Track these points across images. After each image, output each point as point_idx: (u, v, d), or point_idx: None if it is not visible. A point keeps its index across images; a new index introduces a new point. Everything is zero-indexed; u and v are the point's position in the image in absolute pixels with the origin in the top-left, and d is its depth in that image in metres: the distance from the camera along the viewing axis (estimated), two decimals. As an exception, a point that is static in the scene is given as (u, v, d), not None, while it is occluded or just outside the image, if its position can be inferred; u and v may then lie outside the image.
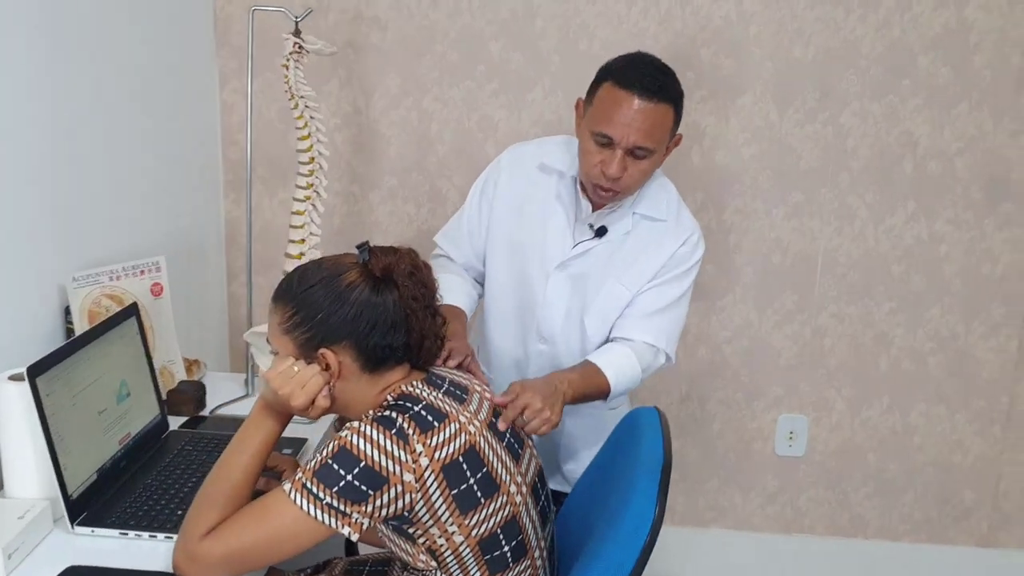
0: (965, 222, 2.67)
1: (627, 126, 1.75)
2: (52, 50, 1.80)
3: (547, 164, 2.00)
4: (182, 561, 1.36)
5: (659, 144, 1.80)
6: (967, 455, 2.86)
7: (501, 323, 2.08)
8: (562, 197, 1.98)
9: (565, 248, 1.97)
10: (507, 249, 2.03)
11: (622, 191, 1.84)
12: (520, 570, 1.47)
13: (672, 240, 1.96)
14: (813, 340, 2.79)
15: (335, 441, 1.36)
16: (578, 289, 1.98)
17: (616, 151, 1.77)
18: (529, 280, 2.01)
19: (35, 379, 1.45)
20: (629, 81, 1.76)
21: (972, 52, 2.56)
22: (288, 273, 1.51)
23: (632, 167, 1.80)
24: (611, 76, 1.80)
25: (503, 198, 2.03)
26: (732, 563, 2.95)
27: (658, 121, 1.77)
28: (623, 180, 1.80)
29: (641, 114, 1.75)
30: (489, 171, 2.08)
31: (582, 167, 1.86)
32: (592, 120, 1.81)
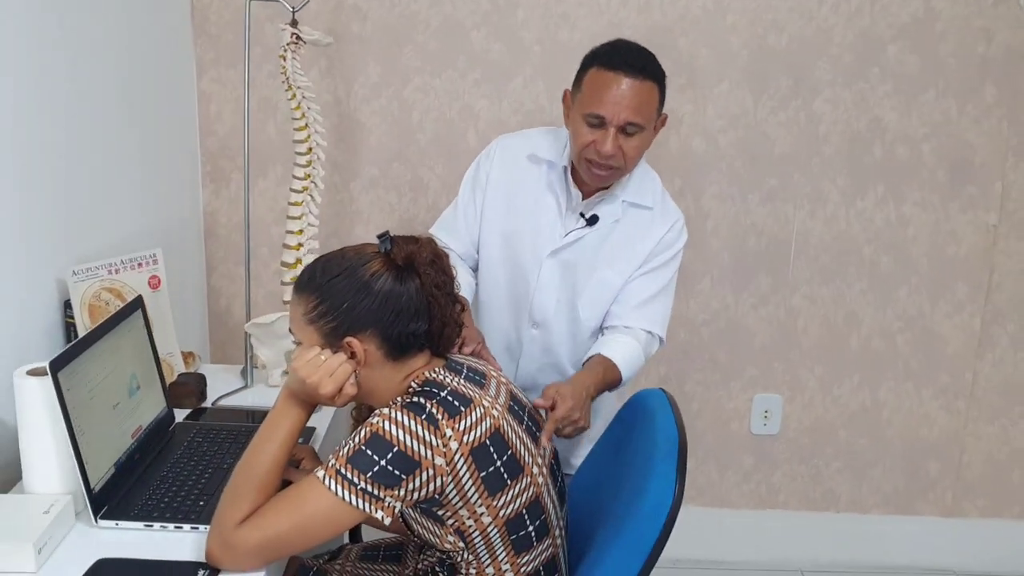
0: (931, 205, 2.77)
1: (617, 104, 1.82)
2: (35, 49, 1.78)
3: (536, 155, 2.04)
4: (217, 549, 1.38)
5: (648, 121, 1.86)
6: (933, 429, 2.97)
7: (495, 309, 2.11)
8: (553, 186, 2.02)
9: (557, 236, 2.01)
10: (500, 238, 2.06)
11: (618, 168, 1.90)
12: (543, 548, 1.51)
13: (659, 226, 2.03)
14: (787, 321, 2.87)
15: (367, 428, 1.38)
16: (569, 276, 2.02)
17: (608, 130, 1.83)
18: (522, 267, 2.05)
19: (56, 373, 1.45)
20: (615, 63, 1.83)
21: (938, 41, 2.65)
22: (309, 264, 1.52)
23: (625, 144, 1.86)
24: (597, 61, 1.87)
25: (495, 188, 2.07)
26: (710, 539, 3.02)
27: (645, 98, 1.84)
28: (618, 157, 1.86)
29: (629, 92, 1.82)
30: (480, 162, 2.11)
31: (576, 151, 1.91)
32: (582, 104, 1.86)
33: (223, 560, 1.38)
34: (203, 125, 2.69)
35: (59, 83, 1.87)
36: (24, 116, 1.74)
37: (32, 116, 1.77)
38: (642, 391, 1.78)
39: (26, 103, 1.75)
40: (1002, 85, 2.68)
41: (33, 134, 1.77)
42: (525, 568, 1.49)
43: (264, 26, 2.55)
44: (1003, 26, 2.64)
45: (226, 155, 2.69)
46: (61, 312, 1.89)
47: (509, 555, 1.47)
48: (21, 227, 1.74)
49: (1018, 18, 2.63)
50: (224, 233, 2.75)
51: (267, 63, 2.60)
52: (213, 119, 2.68)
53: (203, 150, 2.70)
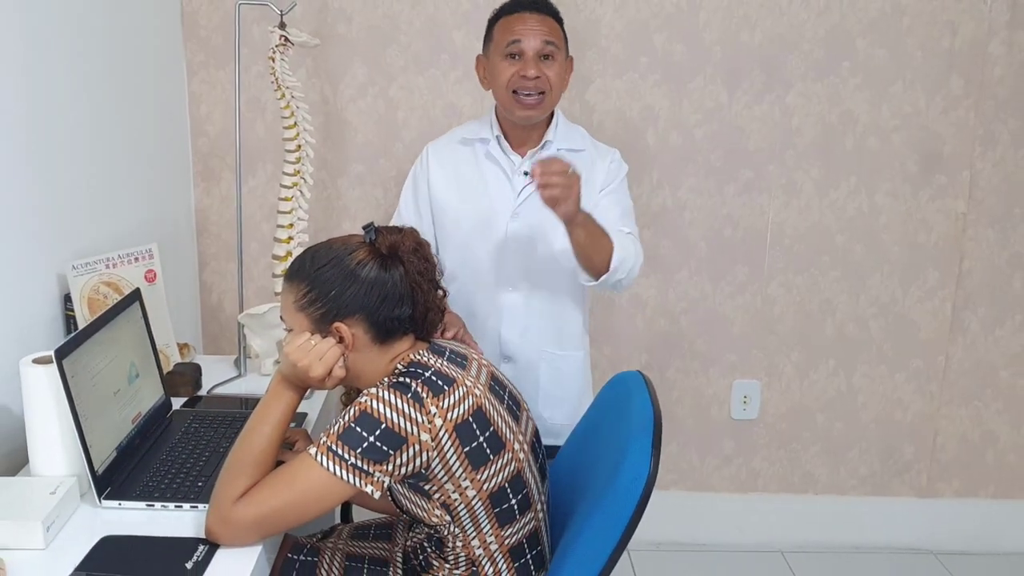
0: (902, 194, 2.86)
1: (529, 31, 2.02)
2: (33, 54, 1.85)
3: (467, 137, 2.18)
4: (216, 525, 1.45)
5: (560, 46, 2.05)
6: (907, 412, 3.06)
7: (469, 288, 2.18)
8: (492, 156, 2.15)
9: (511, 199, 2.12)
10: (458, 221, 2.16)
11: (546, 91, 2.03)
12: (525, 522, 1.59)
13: (600, 161, 2.17)
14: (763, 309, 2.96)
15: (356, 407, 1.46)
16: (537, 231, 2.12)
17: (527, 56, 2.01)
18: (488, 239, 2.14)
19: (61, 360, 1.52)
20: (512, 6, 2.07)
21: (905, 35, 2.74)
22: (299, 254, 1.60)
23: (545, 69, 2.02)
24: (500, 13, 2.09)
25: (438, 183, 2.18)
26: (692, 523, 3.11)
27: (551, 27, 2.05)
28: (542, 80, 2.02)
29: (535, 21, 2.03)
30: (415, 171, 2.24)
31: (503, 90, 2.05)
32: (498, 47, 2.05)
33: (221, 535, 1.45)
34: (194, 125, 2.76)
35: (56, 87, 1.94)
36: (23, 119, 1.81)
37: (31, 119, 1.84)
38: (620, 373, 1.86)
39: (25, 107, 1.82)
40: (968, 77, 2.78)
41: (32, 136, 1.84)
42: (509, 541, 1.57)
43: (252, 28, 2.63)
44: (967, 19, 2.73)
45: (216, 154, 2.76)
46: (61, 305, 1.96)
47: (493, 528, 1.55)
48: (23, 225, 1.81)
49: (982, 11, 2.72)
50: (215, 230, 2.82)
51: (255, 64, 2.67)
52: (204, 119, 2.75)
53: (194, 149, 2.77)
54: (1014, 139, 2.82)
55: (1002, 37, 2.75)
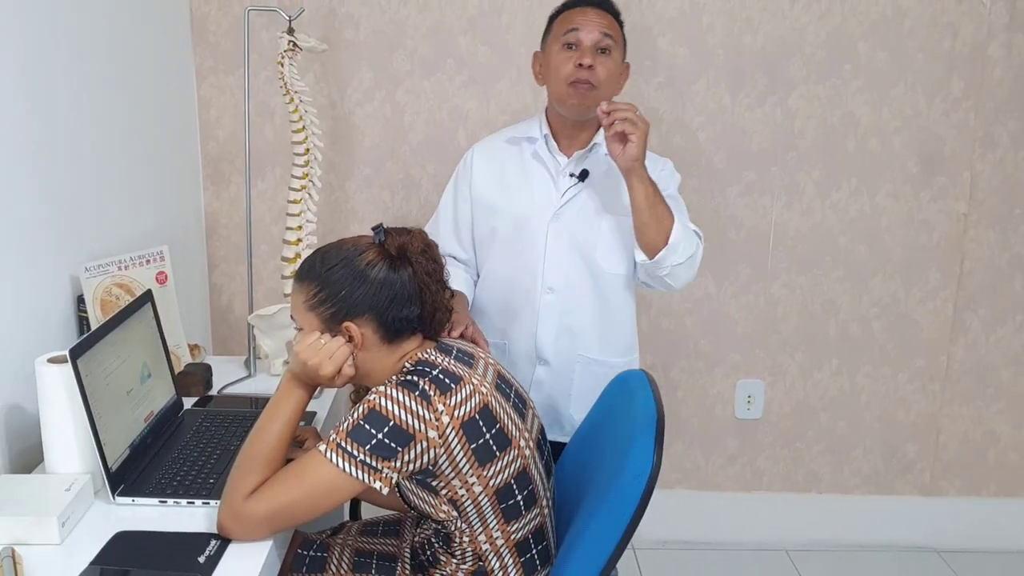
0: (903, 195, 2.89)
1: (588, 22, 2.03)
2: (46, 62, 1.89)
3: (515, 136, 2.19)
4: (227, 521, 1.48)
5: (617, 42, 2.06)
6: (910, 411, 3.08)
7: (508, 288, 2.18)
8: (538, 156, 2.15)
9: (554, 199, 2.11)
10: (503, 221, 2.15)
11: (597, 84, 2.02)
12: (531, 517, 1.62)
13: (651, 166, 2.07)
14: (767, 309, 2.98)
15: (364, 404, 1.49)
16: (578, 235, 2.11)
17: (584, 46, 2.01)
18: (529, 238, 2.13)
19: (76, 360, 1.56)
20: (575, 1, 2.08)
21: (906, 37, 2.77)
22: (310, 255, 1.63)
23: (600, 62, 2.02)
24: (563, 8, 2.10)
25: (483, 184, 2.18)
26: (697, 521, 3.14)
27: (610, 23, 2.06)
28: (597, 70, 2.01)
29: (595, 15, 2.04)
30: (458, 172, 2.25)
31: (556, 79, 2.06)
32: (556, 38, 2.06)
33: (233, 531, 1.49)
34: (203, 129, 2.80)
35: (68, 93, 1.97)
36: (37, 126, 1.84)
37: (44, 126, 1.87)
38: (623, 372, 1.89)
39: (38, 114, 1.85)
40: (968, 79, 2.80)
41: (45, 142, 1.88)
42: (515, 536, 1.60)
43: (261, 34, 2.67)
44: (967, 22, 2.76)
45: (226, 158, 2.80)
46: (74, 307, 1.99)
47: (500, 523, 1.58)
48: (37, 228, 1.84)
49: (981, 14, 2.75)
50: (225, 233, 2.86)
51: (264, 70, 2.71)
52: (213, 124, 2.79)
53: (204, 153, 2.81)
54: (1014, 140, 2.85)
55: (1001, 40, 2.77)
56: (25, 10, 1.79)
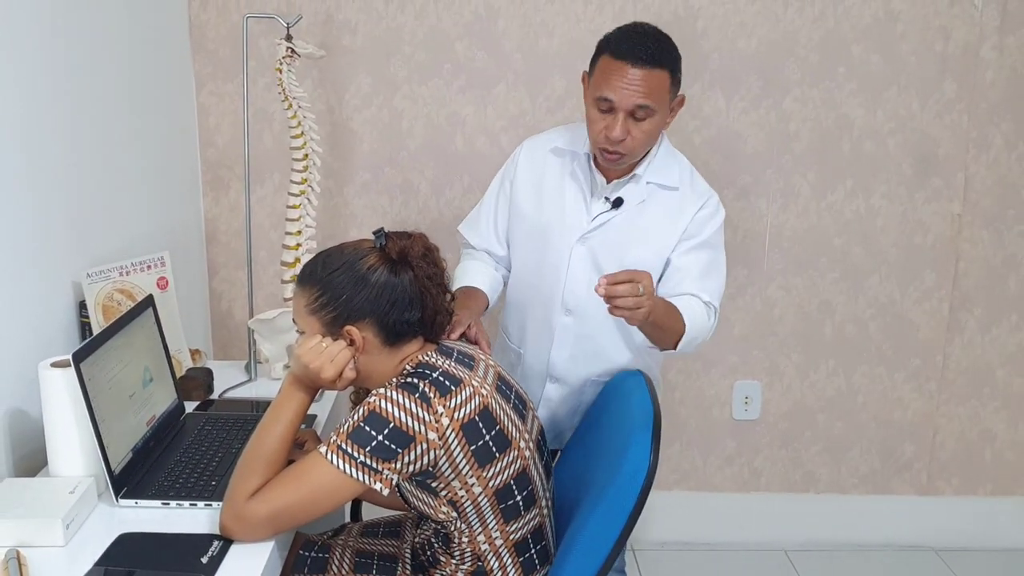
0: (898, 196, 2.91)
1: (624, 90, 1.87)
2: (46, 69, 1.90)
3: (559, 147, 2.13)
4: (230, 522, 1.50)
5: (658, 104, 1.90)
6: (906, 411, 3.10)
7: (526, 299, 2.17)
8: (576, 174, 2.09)
9: (584, 221, 2.07)
10: (530, 229, 2.14)
11: (627, 153, 1.94)
12: (530, 518, 1.63)
13: (690, 205, 2.05)
14: (764, 311, 3.00)
15: (365, 406, 1.51)
16: (600, 260, 2.06)
17: (617, 114, 1.89)
18: (553, 255, 2.10)
19: (79, 364, 1.57)
20: (623, 52, 1.88)
21: (899, 40, 2.79)
22: (311, 259, 1.65)
23: (635, 129, 1.90)
24: (608, 48, 1.93)
25: (522, 185, 2.15)
26: (696, 522, 3.15)
27: (654, 85, 1.88)
28: (627, 142, 1.91)
29: (637, 79, 1.86)
30: (506, 166, 2.21)
31: (589, 135, 1.98)
32: (594, 88, 1.93)
33: (235, 531, 1.50)
34: (203, 136, 2.81)
35: (69, 101, 1.99)
36: (39, 132, 1.86)
37: (46, 133, 1.89)
38: (620, 373, 1.91)
39: (40, 122, 1.87)
40: (961, 80, 2.82)
41: (47, 149, 1.89)
42: (514, 536, 1.62)
43: (259, 41, 2.69)
44: (959, 24, 2.78)
45: (225, 164, 2.82)
46: (76, 312, 2.01)
47: (499, 523, 1.60)
48: (39, 235, 1.86)
49: (973, 17, 2.77)
50: (224, 239, 2.88)
51: (262, 76, 2.73)
52: (212, 131, 2.81)
53: (203, 160, 2.83)
54: (1007, 141, 2.87)
55: (993, 42, 2.80)
56: (25, 18, 1.81)
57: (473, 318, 1.91)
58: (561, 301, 2.10)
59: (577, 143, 2.09)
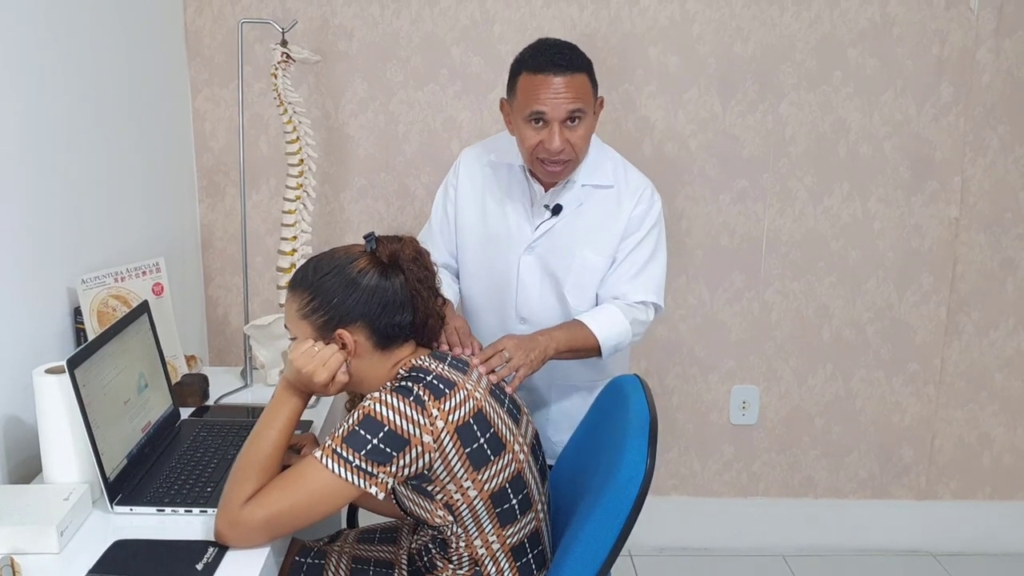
0: (895, 200, 2.91)
1: (553, 100, 1.90)
2: (42, 75, 1.90)
3: (495, 160, 2.16)
4: (225, 528, 1.49)
5: (587, 106, 1.94)
6: (905, 415, 3.10)
7: (481, 310, 2.21)
8: (514, 187, 2.13)
9: (528, 232, 2.11)
10: (477, 243, 2.17)
11: (572, 160, 1.98)
12: (526, 521, 1.63)
13: (627, 201, 2.09)
14: (761, 315, 3.00)
15: (359, 410, 1.51)
16: (549, 267, 2.11)
17: (552, 125, 1.91)
18: (502, 268, 2.14)
19: (73, 370, 1.57)
20: (541, 65, 1.91)
21: (895, 44, 2.79)
22: (302, 264, 1.65)
23: (571, 135, 1.93)
24: (524, 66, 1.95)
25: (464, 198, 2.19)
26: (694, 527, 3.15)
27: (579, 89, 1.91)
28: (568, 150, 1.94)
29: (562, 87, 1.90)
30: (448, 177, 2.24)
31: (525, 154, 2.00)
32: (521, 108, 1.94)
33: (231, 537, 1.49)
34: (198, 142, 2.81)
35: (64, 106, 1.99)
36: (34, 138, 1.86)
37: (41, 138, 1.89)
38: (617, 377, 1.90)
39: (35, 128, 1.87)
40: (957, 84, 2.82)
41: (42, 154, 1.89)
42: (511, 540, 1.61)
43: (254, 47, 2.69)
44: (955, 28, 2.78)
45: (220, 170, 2.82)
46: (71, 318, 2.01)
47: (495, 527, 1.59)
48: (34, 240, 1.86)
49: (969, 20, 2.77)
50: (220, 245, 2.88)
51: (257, 82, 2.73)
52: (208, 136, 2.81)
53: (199, 166, 2.83)
54: (1003, 144, 2.87)
55: (989, 45, 2.80)
56: (20, 25, 1.81)
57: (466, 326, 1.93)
58: (515, 311, 2.15)
59: (509, 155, 2.11)
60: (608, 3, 2.74)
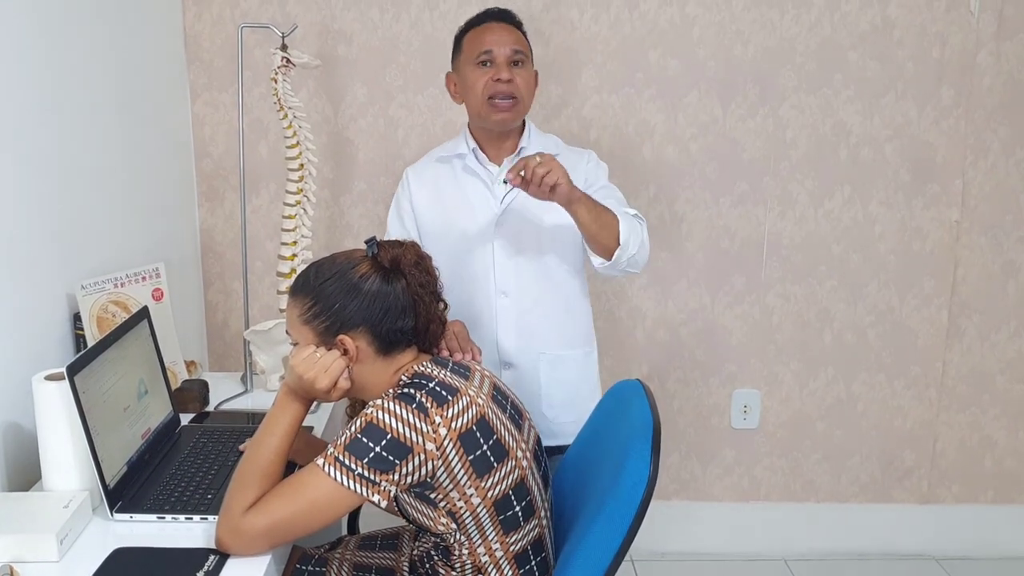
0: (896, 203, 2.90)
1: (498, 39, 2.10)
2: (41, 81, 1.90)
3: (443, 155, 2.25)
4: (226, 536, 1.48)
5: (527, 56, 2.13)
6: (906, 419, 3.09)
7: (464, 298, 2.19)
8: (470, 169, 2.20)
9: (494, 207, 2.16)
10: (445, 237, 2.19)
11: (518, 96, 2.10)
12: (529, 528, 1.62)
13: (578, 161, 2.20)
14: (762, 319, 2.99)
15: (362, 418, 1.50)
16: (522, 237, 2.16)
17: (498, 62, 2.08)
18: (476, 250, 2.17)
19: (73, 377, 1.56)
20: (481, 19, 2.15)
21: (896, 47, 2.79)
22: (303, 269, 1.64)
23: (517, 75, 2.09)
24: (467, 27, 2.17)
25: (422, 204, 2.23)
26: (695, 532, 3.14)
27: (517, 37, 2.13)
28: (516, 82, 2.08)
29: (502, 31, 2.12)
30: (397, 194, 2.30)
31: (475, 96, 2.11)
32: (468, 58, 2.12)
33: (232, 545, 1.49)
34: (198, 147, 2.81)
35: (64, 112, 1.99)
36: (33, 144, 1.86)
37: (40, 143, 1.89)
38: (619, 382, 1.89)
39: (35, 132, 1.87)
40: (958, 87, 2.82)
41: (41, 160, 1.88)
42: (514, 547, 1.60)
43: (254, 51, 2.68)
44: (956, 31, 2.78)
45: (220, 175, 2.81)
46: (71, 324, 2.00)
47: (498, 535, 1.58)
48: (33, 246, 1.85)
49: (970, 23, 2.77)
50: (220, 250, 2.87)
51: (257, 86, 2.72)
52: (207, 141, 2.80)
53: (198, 171, 2.82)
54: (1004, 147, 2.87)
55: (990, 48, 2.79)
56: (19, 29, 1.80)
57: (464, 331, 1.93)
58: (495, 287, 2.19)
59: (458, 147, 2.23)
60: (608, 7, 2.74)
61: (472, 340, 1.93)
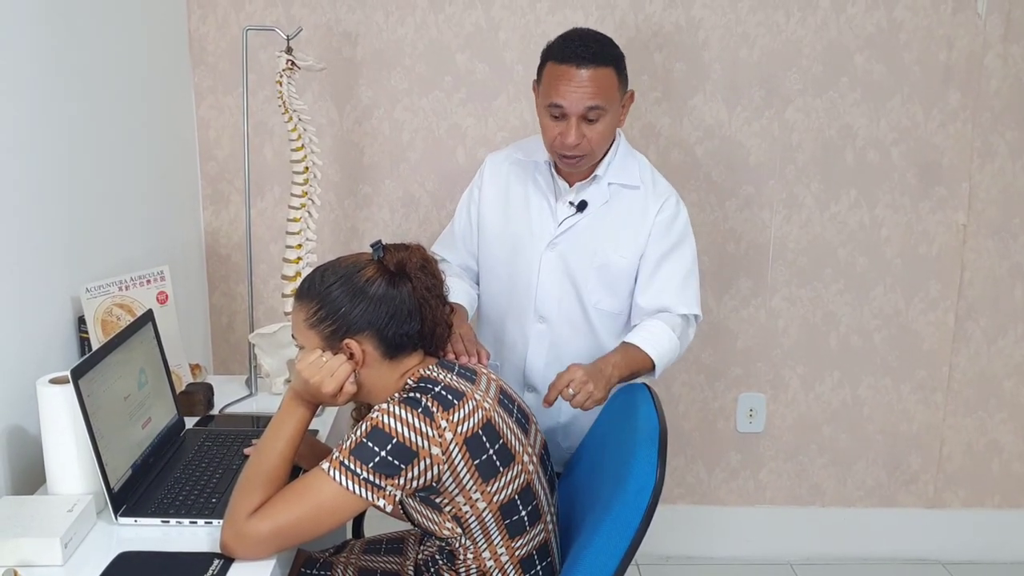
0: (902, 207, 2.89)
1: (573, 94, 1.91)
2: (46, 84, 1.89)
3: (520, 158, 2.17)
4: (231, 540, 1.48)
5: (609, 102, 1.94)
6: (912, 423, 3.08)
7: (500, 308, 2.19)
8: (539, 183, 2.13)
9: (551, 227, 2.10)
10: (499, 241, 2.16)
11: (586, 154, 1.99)
12: (535, 533, 1.61)
13: (652, 204, 2.08)
14: (768, 322, 2.98)
15: (367, 422, 1.49)
16: (570, 266, 2.09)
17: (570, 119, 1.93)
18: (523, 264, 2.13)
19: (77, 380, 1.55)
20: (566, 56, 1.93)
21: (902, 49, 2.78)
22: (309, 273, 1.64)
23: (589, 131, 1.95)
24: (551, 55, 1.97)
25: (488, 199, 2.18)
26: (700, 536, 3.12)
27: (602, 84, 1.92)
28: (583, 145, 1.96)
29: (585, 81, 1.90)
30: (473, 181, 2.24)
31: (545, 142, 2.03)
32: (544, 97, 1.98)
33: (236, 550, 1.48)
34: (203, 150, 2.80)
35: (68, 115, 1.98)
36: (38, 146, 1.85)
37: (45, 146, 1.88)
38: (625, 386, 1.89)
39: (40, 134, 1.86)
40: (965, 89, 2.81)
41: (45, 162, 1.88)
42: (520, 552, 1.60)
43: (259, 54, 2.68)
44: (963, 33, 2.77)
45: (225, 178, 2.81)
46: (75, 327, 1.99)
47: (504, 539, 1.57)
48: (38, 249, 1.85)
49: (977, 26, 2.76)
50: (224, 253, 2.86)
51: (262, 89, 2.72)
52: (212, 144, 2.79)
53: (203, 173, 2.82)
54: (1011, 150, 2.86)
55: (997, 51, 2.78)
56: (24, 33, 1.80)
57: (473, 334, 1.91)
58: (534, 309, 2.13)
59: (536, 153, 2.13)
60: (613, 10, 2.73)
61: (479, 342, 1.91)
